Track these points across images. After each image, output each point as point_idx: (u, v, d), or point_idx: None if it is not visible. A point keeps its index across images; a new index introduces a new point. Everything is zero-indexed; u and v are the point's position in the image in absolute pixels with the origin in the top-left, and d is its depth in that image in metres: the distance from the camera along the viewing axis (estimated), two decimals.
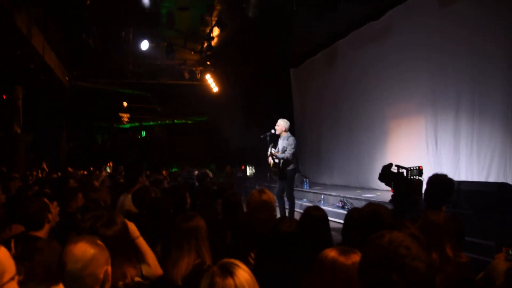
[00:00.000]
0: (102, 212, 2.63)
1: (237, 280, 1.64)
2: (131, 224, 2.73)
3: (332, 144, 12.33)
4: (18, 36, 9.21)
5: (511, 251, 2.65)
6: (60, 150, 17.51)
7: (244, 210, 4.00)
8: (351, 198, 8.72)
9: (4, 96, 13.66)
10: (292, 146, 7.80)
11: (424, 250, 1.59)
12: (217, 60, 14.81)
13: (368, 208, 2.77)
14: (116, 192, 6.72)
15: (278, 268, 2.65)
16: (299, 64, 14.15)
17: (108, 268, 1.94)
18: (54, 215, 3.69)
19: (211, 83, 15.84)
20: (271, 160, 7.98)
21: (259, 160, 12.22)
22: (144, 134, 24.91)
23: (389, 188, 4.81)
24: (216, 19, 10.89)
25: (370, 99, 10.57)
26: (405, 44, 9.24)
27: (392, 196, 4.46)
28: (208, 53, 12.89)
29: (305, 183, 11.44)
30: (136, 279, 2.35)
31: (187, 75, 15.95)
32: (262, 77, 14.79)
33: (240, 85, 15.60)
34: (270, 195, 3.70)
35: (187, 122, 23.80)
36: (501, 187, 5.91)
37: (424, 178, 4.21)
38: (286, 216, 7.18)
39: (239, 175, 13.78)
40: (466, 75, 7.67)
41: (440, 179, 3.55)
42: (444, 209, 3.52)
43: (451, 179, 3.60)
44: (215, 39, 12.25)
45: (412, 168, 4.44)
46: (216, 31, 11.43)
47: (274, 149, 8.04)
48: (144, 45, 12.25)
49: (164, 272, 2.72)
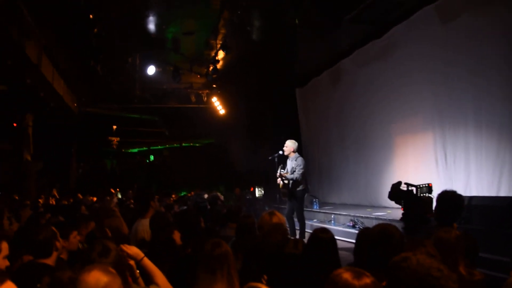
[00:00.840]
0: (99, 241, 2.68)
1: None
2: (132, 247, 2.77)
3: (340, 163, 12.30)
4: (28, 64, 9.42)
5: None
6: (70, 176, 17.63)
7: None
8: (362, 217, 8.64)
9: (15, 124, 13.86)
10: (301, 167, 7.81)
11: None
12: (223, 82, 14.98)
13: (377, 228, 2.76)
14: (127, 218, 6.75)
15: None
16: (305, 84, 14.23)
17: None
18: (75, 243, 3.71)
19: (218, 105, 15.96)
20: (280, 181, 7.98)
21: (268, 181, 12.21)
22: (152, 158, 25.03)
23: (399, 206, 4.78)
24: (221, 42, 11.06)
25: (375, 116, 10.59)
26: (408, 61, 9.29)
27: (403, 214, 4.43)
28: (214, 76, 13.05)
29: (314, 203, 11.37)
30: None
31: (193, 99, 16.09)
32: (268, 98, 14.89)
33: (246, 106, 15.70)
34: (280, 217, 3.71)
35: (195, 145, 23.90)
36: None
37: (434, 195, 4.18)
38: (291, 237, 7.14)
39: (248, 197, 13.75)
40: (470, 89, 7.66)
41: (449, 196, 3.53)
42: (455, 225, 3.50)
43: (460, 195, 3.57)
44: (221, 62, 12.41)
45: (421, 186, 4.42)
46: (221, 54, 11.60)
47: (283, 170, 8.05)
48: (151, 70, 12.44)
49: None
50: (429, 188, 4.45)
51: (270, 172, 8.98)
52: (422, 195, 4.43)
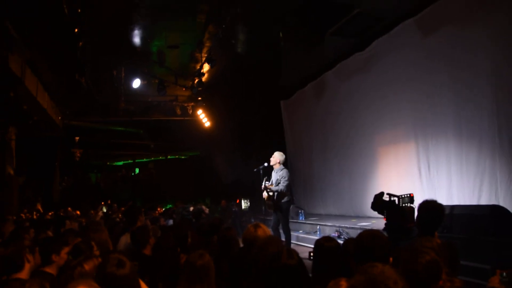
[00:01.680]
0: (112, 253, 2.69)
1: None
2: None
3: (325, 174, 12.40)
4: (11, 77, 9.34)
5: (505, 274, 2.68)
6: (53, 190, 17.41)
7: (240, 245, 4.01)
8: (347, 228, 8.71)
9: None
10: (286, 179, 7.85)
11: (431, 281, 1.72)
12: (208, 95, 15.03)
13: (361, 236, 2.81)
14: (114, 232, 6.71)
15: None
16: (289, 96, 14.36)
17: None
18: (64, 258, 3.69)
19: (203, 118, 16.00)
20: (265, 194, 8.01)
21: (254, 193, 12.23)
22: (137, 171, 24.86)
23: (382, 216, 4.86)
24: (206, 55, 11.12)
25: (358, 127, 10.74)
26: (390, 72, 9.46)
27: (385, 224, 4.50)
28: (199, 88, 13.08)
29: (300, 214, 11.43)
30: None
31: (179, 111, 16.10)
32: (253, 110, 14.97)
33: (232, 119, 15.76)
34: (265, 229, 3.73)
35: (180, 157, 23.83)
36: (493, 209, 5.98)
37: (416, 204, 4.27)
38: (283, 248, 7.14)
39: (234, 209, 13.74)
40: (451, 99, 7.81)
41: (430, 206, 3.60)
42: (436, 234, 3.57)
43: (440, 205, 3.65)
44: (206, 75, 12.48)
45: (403, 196, 4.50)
46: (206, 67, 11.65)
47: (268, 182, 8.08)
48: (136, 83, 12.43)
49: None
50: (410, 198, 4.53)
51: (256, 184, 9.01)
52: (404, 205, 4.51)
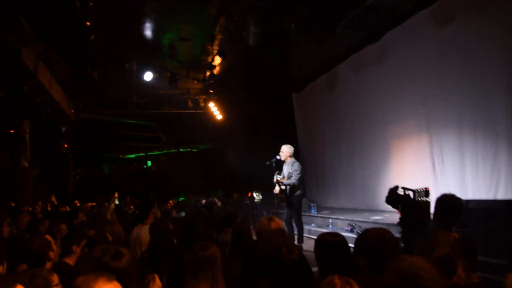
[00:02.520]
0: (111, 245, 2.68)
1: None
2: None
3: (337, 167, 12.33)
4: (25, 71, 9.42)
5: None
6: (67, 183, 17.60)
7: (253, 238, 4.00)
8: (360, 221, 8.66)
9: (12, 131, 13.84)
10: (298, 172, 7.83)
11: (445, 275, 1.66)
12: (220, 88, 15.00)
13: (373, 235, 2.74)
14: (125, 224, 6.75)
15: None
16: (301, 89, 14.29)
17: None
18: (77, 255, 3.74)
19: (215, 111, 15.98)
20: (277, 188, 7.99)
21: (266, 186, 12.23)
22: (149, 164, 25.00)
23: (396, 210, 4.79)
24: (217, 48, 11.08)
25: (371, 120, 10.64)
26: (403, 64, 9.33)
27: (400, 218, 4.44)
28: (211, 81, 13.07)
29: (312, 207, 11.38)
30: None
31: (190, 104, 16.12)
32: (265, 103, 14.92)
33: (243, 111, 15.73)
34: (279, 222, 3.72)
35: (192, 150, 23.90)
36: (510, 204, 5.89)
37: (431, 199, 4.20)
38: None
39: (246, 202, 13.75)
40: (467, 92, 7.69)
41: (448, 199, 3.55)
42: (454, 229, 3.51)
43: (459, 199, 3.59)
44: (217, 68, 12.45)
45: (419, 190, 4.42)
46: (217, 60, 11.62)
47: (279, 175, 8.06)
48: (148, 76, 12.45)
49: None
50: (426, 192, 4.45)
51: (268, 177, 8.99)
52: (419, 199, 4.44)
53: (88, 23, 8.50)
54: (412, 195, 4.49)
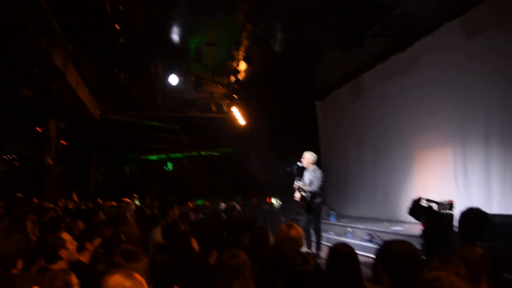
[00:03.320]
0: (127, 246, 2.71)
1: None
2: None
3: (358, 176, 12.22)
4: (54, 71, 9.64)
5: None
6: (89, 181, 17.88)
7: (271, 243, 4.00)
8: (379, 231, 8.55)
9: (39, 129, 14.16)
10: (320, 179, 7.80)
11: None
12: (244, 93, 15.05)
13: (399, 248, 2.69)
14: (144, 225, 6.81)
15: None
16: (325, 97, 14.24)
17: None
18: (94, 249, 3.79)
19: (238, 116, 16.03)
20: (298, 194, 7.97)
21: (285, 192, 12.19)
22: (170, 166, 25.21)
23: (417, 221, 4.73)
24: (243, 54, 11.14)
25: (395, 130, 10.53)
26: (430, 75, 9.21)
27: (423, 230, 4.38)
28: (235, 86, 13.12)
29: (331, 215, 11.29)
30: None
31: (214, 108, 16.20)
32: (288, 109, 14.91)
33: (266, 117, 15.74)
34: (298, 230, 3.70)
35: (213, 154, 24.00)
36: None
37: (455, 211, 4.13)
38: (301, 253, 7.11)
39: (265, 207, 13.73)
40: (494, 104, 7.57)
41: (474, 213, 3.48)
42: (478, 244, 3.44)
43: (485, 213, 3.52)
44: (242, 73, 12.50)
45: (443, 203, 4.37)
46: (243, 66, 11.67)
47: (300, 182, 8.03)
48: (173, 79, 12.58)
49: None
50: (450, 204, 4.40)
51: (287, 183, 8.97)
52: (443, 211, 4.38)
53: (117, 26, 8.66)
54: (436, 207, 4.43)
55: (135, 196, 16.03)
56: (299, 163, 8.26)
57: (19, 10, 7.27)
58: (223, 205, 10.88)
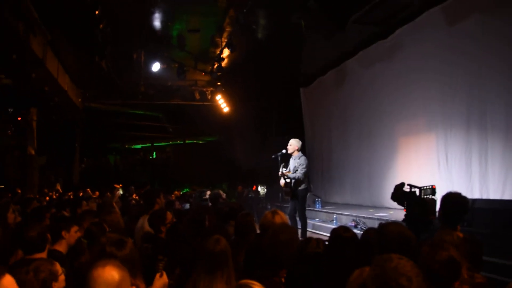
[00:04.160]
0: (114, 234, 2.67)
1: None
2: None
3: (343, 163, 12.30)
4: (33, 59, 9.41)
5: None
6: (72, 171, 17.66)
7: (257, 231, 3.98)
8: (364, 218, 8.63)
9: (20, 118, 13.90)
10: (304, 166, 7.79)
11: (428, 285, 1.64)
12: (227, 80, 14.95)
13: (392, 231, 2.69)
14: (128, 214, 6.76)
15: None
16: (309, 83, 14.22)
17: None
18: (75, 237, 3.73)
19: (222, 103, 15.95)
20: (282, 181, 7.97)
21: (271, 180, 12.21)
22: (155, 155, 25.02)
23: (401, 207, 4.76)
24: (226, 40, 11.04)
25: (379, 117, 10.60)
26: (413, 62, 9.28)
27: (405, 215, 4.41)
28: (219, 73, 13.02)
29: (317, 202, 11.36)
30: None
31: (198, 96, 16.07)
32: (272, 96, 14.87)
33: (250, 105, 15.69)
34: (283, 217, 3.69)
35: (198, 142, 23.89)
36: None
37: (437, 197, 4.16)
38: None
39: (250, 195, 13.74)
40: (476, 91, 7.66)
41: (454, 198, 3.51)
42: (459, 228, 3.48)
43: (465, 198, 3.55)
44: (225, 60, 12.41)
45: (425, 187, 4.39)
46: (226, 52, 11.57)
47: (285, 169, 8.02)
48: (156, 66, 12.44)
49: None
50: (432, 190, 4.42)
51: (273, 171, 8.97)
52: (425, 197, 4.41)
53: (97, 12, 8.48)
54: (418, 193, 4.46)
55: (117, 187, 15.89)
56: (284, 151, 8.24)
57: None
58: (209, 193, 10.84)
